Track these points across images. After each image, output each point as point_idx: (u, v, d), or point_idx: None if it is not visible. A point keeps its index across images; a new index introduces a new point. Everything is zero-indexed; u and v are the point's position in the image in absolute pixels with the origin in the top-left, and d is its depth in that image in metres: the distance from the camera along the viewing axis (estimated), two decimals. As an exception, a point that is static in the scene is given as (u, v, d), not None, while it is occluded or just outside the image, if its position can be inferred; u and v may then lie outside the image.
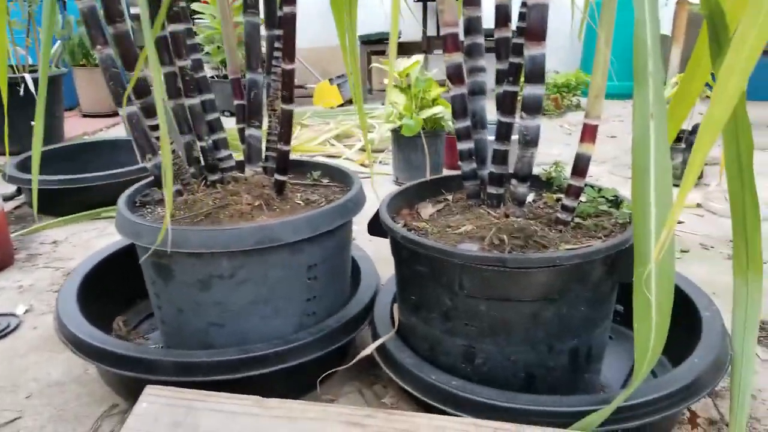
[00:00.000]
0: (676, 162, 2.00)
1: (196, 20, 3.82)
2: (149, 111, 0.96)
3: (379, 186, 2.18)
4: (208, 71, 4.19)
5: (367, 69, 4.06)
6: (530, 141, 0.85)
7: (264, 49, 1.11)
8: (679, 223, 1.73)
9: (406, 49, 4.04)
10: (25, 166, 2.09)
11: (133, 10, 1.11)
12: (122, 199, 0.99)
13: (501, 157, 0.92)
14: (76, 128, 3.41)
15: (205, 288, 0.88)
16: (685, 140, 2.05)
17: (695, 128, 2.17)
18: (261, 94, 1.10)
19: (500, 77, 0.95)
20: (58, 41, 3.42)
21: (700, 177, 2.09)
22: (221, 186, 1.04)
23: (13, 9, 3.04)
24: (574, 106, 3.35)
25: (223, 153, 1.06)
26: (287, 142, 1.02)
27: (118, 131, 3.33)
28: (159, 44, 0.98)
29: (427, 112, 2.04)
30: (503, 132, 0.91)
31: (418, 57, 2.11)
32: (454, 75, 0.95)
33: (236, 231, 0.85)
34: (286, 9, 0.95)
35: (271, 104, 1.12)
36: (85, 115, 3.85)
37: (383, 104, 3.82)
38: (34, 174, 0.90)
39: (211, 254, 0.85)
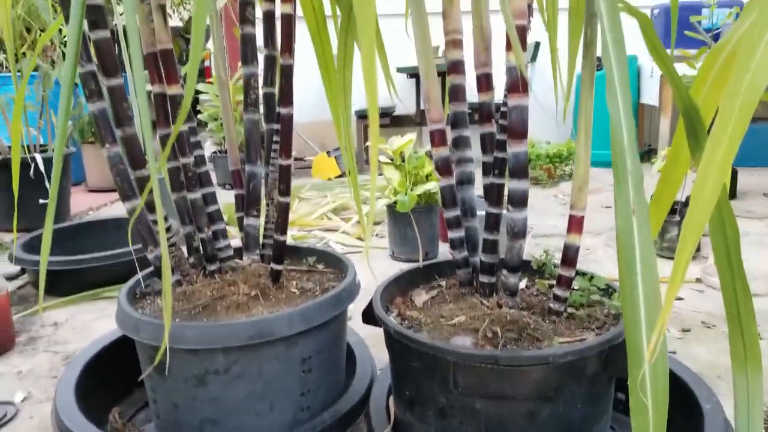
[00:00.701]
0: (671, 235, 2.03)
1: (200, 97, 3.96)
2: (152, 206, 1.00)
3: (375, 260, 2.21)
4: (210, 146, 4.29)
5: (362, 141, 4.17)
6: (518, 233, 0.88)
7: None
8: (679, 299, 1.73)
9: (400, 121, 4.16)
10: (31, 246, 2.12)
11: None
12: (123, 291, 1.02)
13: (491, 247, 0.95)
14: (81, 203, 3.47)
15: (201, 383, 0.89)
16: (679, 212, 2.09)
17: (688, 200, 2.22)
18: (259, 185, 1.14)
19: (486, 169, 0.99)
20: (69, 121, 3.53)
21: (698, 250, 2.10)
22: (219, 276, 1.06)
23: (27, 93, 3.16)
24: (567, 175, 3.42)
25: (222, 243, 1.09)
26: (283, 232, 1.06)
27: (122, 206, 3.39)
28: (164, 143, 1.03)
29: (421, 188, 2.09)
30: (492, 222, 0.94)
31: (411, 135, 2.18)
32: (443, 167, 1.00)
33: (231, 326, 0.87)
34: (284, 111, 1.00)
35: (269, 194, 1.16)
36: (91, 190, 3.93)
37: (380, 174, 3.90)
38: (42, 267, 0.92)
39: (207, 350, 0.87)
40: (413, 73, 4.14)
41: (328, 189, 3.28)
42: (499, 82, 0.91)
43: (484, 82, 0.97)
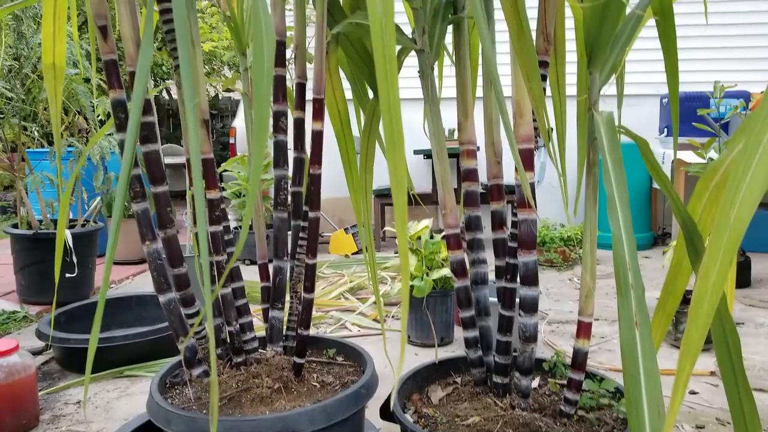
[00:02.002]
0: (685, 326, 2.05)
1: (224, 174, 4.13)
2: (187, 301, 1.07)
3: (391, 343, 2.24)
4: (232, 222, 4.41)
5: (380, 220, 4.27)
6: (529, 337, 0.94)
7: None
8: (693, 393, 1.73)
9: (417, 201, 4.28)
10: (57, 322, 2.20)
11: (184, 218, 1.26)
12: (155, 382, 1.07)
13: (504, 348, 1.00)
14: (104, 277, 3.56)
15: (226, 476, 0.93)
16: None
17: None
18: (285, 279, 1.21)
19: (499, 273, 1.05)
20: (98, 197, 3.69)
21: (709, 341, 2.11)
22: (244, 368, 1.12)
23: (64, 172, 3.33)
24: (581, 258, 3.46)
25: (249, 335, 1.15)
26: (307, 327, 1.12)
27: (146, 279, 3.48)
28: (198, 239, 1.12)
29: (437, 273, 2.15)
30: (505, 324, 1.00)
31: (427, 221, 2.27)
32: (459, 269, 1.07)
33: (257, 422, 0.91)
34: (311, 214, 1.09)
35: (293, 287, 1.23)
36: (115, 263, 4.04)
37: (395, 253, 3.98)
38: (88, 367, 0.98)
39: (234, 443, 0.91)
40: (428, 155, 4.29)
41: (345, 267, 3.36)
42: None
43: (496, 192, 1.06)
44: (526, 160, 0.91)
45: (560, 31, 1.11)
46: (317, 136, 1.11)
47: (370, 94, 1.34)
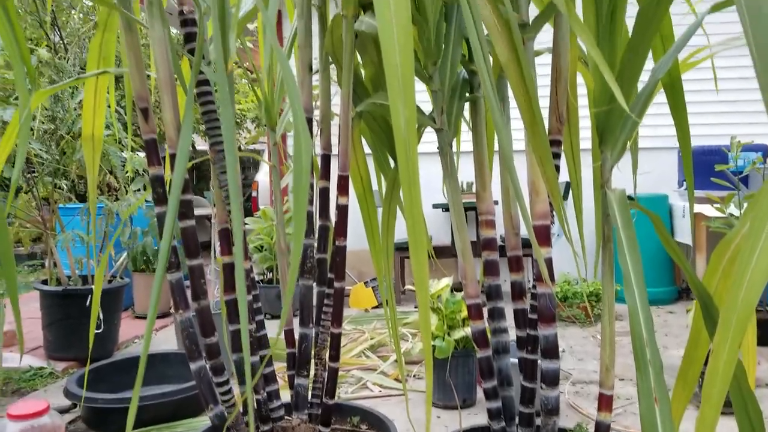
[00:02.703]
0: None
1: (246, 228, 4.22)
2: (217, 370, 1.11)
3: (413, 405, 2.24)
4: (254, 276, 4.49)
5: (399, 273, 4.30)
6: (552, 410, 0.96)
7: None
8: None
9: (437, 252, 4.31)
10: (83, 381, 2.24)
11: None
12: (184, 450, 1.10)
13: (527, 421, 1.02)
14: (129, 331, 3.62)
15: None
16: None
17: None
18: (311, 346, 1.25)
19: (521, 343, 1.08)
20: (125, 252, 3.79)
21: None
22: (271, 435, 1.14)
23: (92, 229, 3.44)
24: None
25: (276, 403, 1.18)
26: (332, 396, 1.15)
27: (168, 334, 3.53)
28: (231, 308, 1.17)
29: (459, 333, 2.17)
30: (527, 396, 1.02)
31: (448, 280, 2.30)
32: (480, 339, 1.09)
33: (286, 492, 0.94)
34: (337, 284, 1.13)
35: (318, 353, 1.27)
36: (137, 317, 4.10)
37: (416, 307, 3.99)
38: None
39: None
40: (447, 208, 4.35)
41: (365, 322, 3.37)
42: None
43: (515, 264, 1.09)
44: (542, 236, 0.95)
45: (573, 109, 1.17)
46: (343, 210, 1.17)
47: (391, 162, 1.40)
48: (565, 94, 1.07)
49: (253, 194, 6.04)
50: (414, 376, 2.54)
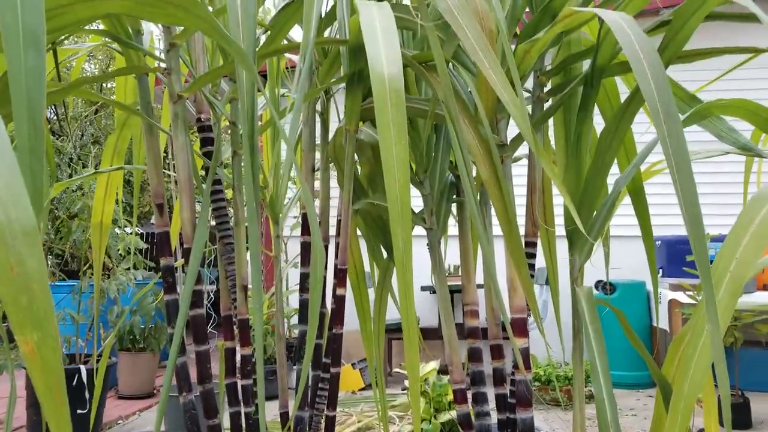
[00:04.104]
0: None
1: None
2: (218, 450, 1.19)
3: (400, 489, 2.26)
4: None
5: (387, 354, 4.34)
6: (528, 489, 1.04)
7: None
8: None
9: (425, 334, 4.38)
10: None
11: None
12: None
13: (506, 498, 1.10)
14: (113, 412, 3.59)
15: None
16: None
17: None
18: (306, 428, 1.33)
19: (501, 426, 1.18)
20: (112, 331, 3.82)
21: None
22: None
23: (83, 308, 3.49)
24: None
25: (272, 483, 1.25)
26: (327, 475, 1.22)
27: (150, 415, 3.50)
28: (230, 391, 1.26)
29: (445, 416, 2.23)
30: (506, 475, 1.11)
31: (434, 364, 2.38)
32: (465, 423, 1.19)
33: None
34: (333, 370, 1.23)
35: (312, 435, 1.34)
36: (120, 397, 4.06)
37: (403, 390, 4.01)
38: None
39: None
40: (434, 291, 4.46)
41: (352, 404, 3.39)
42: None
43: (497, 352, 1.21)
44: (519, 329, 1.07)
45: (549, 212, 1.33)
46: (340, 300, 1.28)
47: (383, 252, 1.53)
48: (539, 203, 1.22)
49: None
50: (400, 459, 2.56)
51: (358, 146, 1.40)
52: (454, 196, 1.38)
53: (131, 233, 3.87)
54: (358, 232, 1.50)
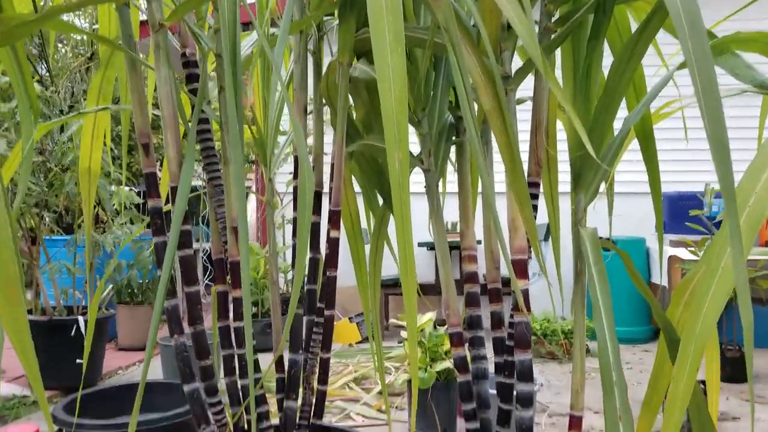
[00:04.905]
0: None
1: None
2: (210, 390, 1.17)
3: (396, 436, 2.28)
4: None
5: (384, 309, 4.35)
6: (525, 429, 1.02)
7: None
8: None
9: (421, 289, 4.38)
10: (72, 408, 2.24)
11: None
12: (176, 470, 1.14)
13: (503, 440, 1.08)
14: (112, 362, 3.61)
15: None
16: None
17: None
18: (299, 371, 1.30)
19: (498, 369, 1.15)
20: (110, 285, 3.81)
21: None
22: (261, 457, 1.19)
23: (79, 260, 3.46)
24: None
25: (265, 424, 1.23)
26: (320, 417, 1.20)
27: (150, 366, 3.53)
28: (223, 334, 1.23)
29: (441, 365, 2.23)
30: (504, 417, 1.09)
31: (431, 314, 2.36)
32: (461, 365, 1.16)
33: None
34: (327, 312, 1.20)
35: (307, 379, 1.32)
36: (120, 348, 4.08)
37: (399, 342, 4.03)
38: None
39: None
40: (432, 247, 4.44)
41: (349, 356, 3.41)
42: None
43: (495, 296, 1.17)
44: (520, 270, 1.03)
45: (552, 156, 1.28)
46: (334, 243, 1.24)
47: (380, 199, 1.49)
48: (543, 142, 1.17)
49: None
50: (396, 407, 2.57)
51: (353, 88, 1.34)
52: (454, 138, 1.32)
53: (126, 188, 3.82)
54: (356, 188, 1.45)
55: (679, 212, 3.86)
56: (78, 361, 2.98)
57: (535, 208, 1.19)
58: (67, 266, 3.27)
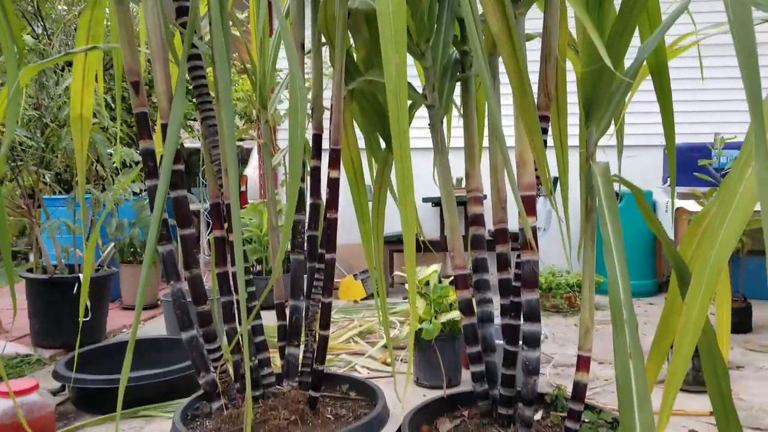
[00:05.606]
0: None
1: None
2: (209, 337, 1.14)
3: (399, 385, 2.27)
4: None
5: (388, 266, 4.33)
6: (532, 370, 0.99)
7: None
8: (693, 432, 1.77)
9: (426, 247, 4.35)
10: (71, 365, 2.25)
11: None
12: (177, 414, 1.13)
13: (509, 381, 1.05)
14: (116, 321, 3.61)
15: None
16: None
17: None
18: (301, 318, 1.28)
19: (504, 311, 1.12)
20: (112, 243, 3.78)
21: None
22: (262, 401, 1.17)
23: (80, 219, 3.43)
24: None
25: (266, 371, 1.21)
26: (322, 362, 1.18)
27: (157, 323, 3.53)
28: (221, 280, 1.19)
29: (445, 317, 2.20)
30: (509, 359, 1.06)
31: (436, 266, 2.33)
32: (466, 308, 1.13)
33: (277, 449, 0.97)
34: (328, 256, 1.16)
35: (309, 325, 1.30)
36: (125, 308, 4.09)
37: (404, 298, 4.03)
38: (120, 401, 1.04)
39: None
40: (437, 202, 4.39)
41: (354, 312, 3.40)
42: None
43: (501, 236, 1.13)
44: (529, 206, 0.99)
45: (561, 88, 1.21)
46: (334, 183, 1.20)
47: (382, 144, 1.43)
48: (553, 72, 1.11)
49: (242, 189, 6.03)
50: (401, 360, 2.57)
51: (353, 23, 1.27)
52: (459, 74, 1.26)
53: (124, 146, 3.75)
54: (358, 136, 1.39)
55: (686, 164, 3.78)
56: (83, 319, 2.97)
57: (543, 144, 1.14)
58: (66, 223, 3.24)
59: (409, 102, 1.24)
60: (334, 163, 1.19)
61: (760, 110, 0.58)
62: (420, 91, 1.23)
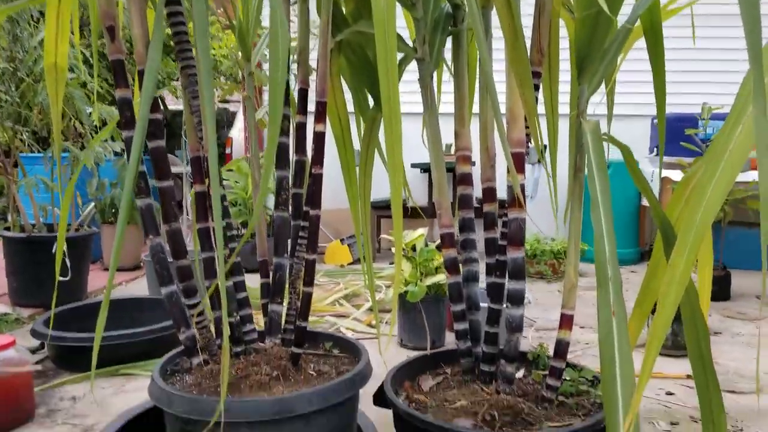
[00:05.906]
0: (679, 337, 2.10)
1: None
2: (189, 292, 1.12)
3: (384, 346, 2.28)
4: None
5: (375, 231, 4.32)
6: (515, 327, 0.99)
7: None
8: (669, 394, 1.80)
9: (414, 213, 4.34)
10: (50, 322, 2.22)
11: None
12: (157, 369, 1.11)
13: (492, 339, 1.05)
14: (98, 282, 3.58)
15: (226, 455, 0.97)
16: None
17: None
18: (285, 275, 1.26)
19: (489, 270, 1.11)
20: (92, 203, 3.72)
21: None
22: (244, 357, 1.16)
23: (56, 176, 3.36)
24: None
25: (248, 327, 1.20)
26: (305, 318, 1.16)
27: (139, 285, 3.51)
28: (202, 236, 1.17)
29: (431, 280, 2.21)
30: (493, 317, 1.05)
31: (423, 230, 2.32)
32: (451, 267, 1.12)
33: (257, 402, 0.96)
34: (312, 212, 1.14)
35: (292, 283, 1.28)
36: (106, 269, 4.05)
37: (391, 263, 4.03)
38: (94, 359, 1.02)
39: (233, 423, 0.96)
40: (426, 168, 4.37)
41: (340, 276, 3.40)
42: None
43: (489, 195, 1.11)
44: (518, 163, 0.97)
45: (554, 44, 1.18)
46: (319, 138, 1.17)
47: (371, 102, 1.40)
48: (547, 28, 1.08)
49: (227, 151, 5.95)
50: (386, 322, 2.58)
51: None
52: (450, 28, 1.22)
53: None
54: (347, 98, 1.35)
55: (673, 134, 3.78)
56: (60, 279, 2.93)
57: (535, 100, 1.12)
58: (44, 181, 3.17)
59: (399, 55, 1.21)
60: (319, 117, 1.16)
61: (759, 58, 0.56)
62: (410, 44, 1.19)
